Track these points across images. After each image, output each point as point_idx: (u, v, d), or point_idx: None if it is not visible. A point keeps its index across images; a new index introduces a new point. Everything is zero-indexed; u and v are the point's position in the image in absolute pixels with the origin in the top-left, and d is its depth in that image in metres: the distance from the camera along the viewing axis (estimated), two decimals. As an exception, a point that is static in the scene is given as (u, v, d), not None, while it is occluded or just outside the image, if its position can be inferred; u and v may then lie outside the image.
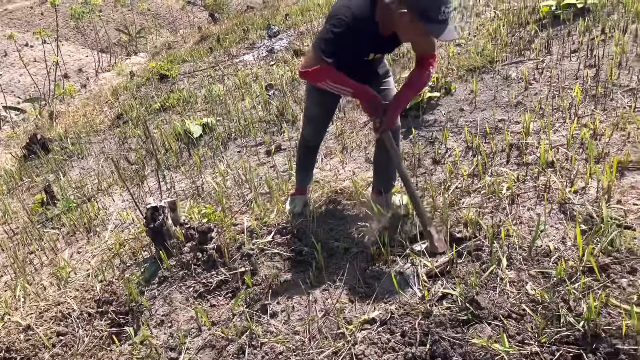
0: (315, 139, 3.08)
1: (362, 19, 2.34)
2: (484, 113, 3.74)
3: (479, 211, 2.71)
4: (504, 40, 4.84)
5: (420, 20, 2.17)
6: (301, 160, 3.19)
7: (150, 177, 4.71)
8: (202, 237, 2.86)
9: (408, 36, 2.37)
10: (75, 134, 6.99)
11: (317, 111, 2.92)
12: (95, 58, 14.56)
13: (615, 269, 2.10)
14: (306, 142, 3.09)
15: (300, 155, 3.18)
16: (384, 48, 2.59)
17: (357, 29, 2.34)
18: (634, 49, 3.89)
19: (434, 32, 2.18)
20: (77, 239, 3.93)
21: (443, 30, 2.17)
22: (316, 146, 3.14)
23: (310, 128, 3.03)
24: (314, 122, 2.98)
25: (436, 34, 2.18)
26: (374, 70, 2.77)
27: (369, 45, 2.49)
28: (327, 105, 2.90)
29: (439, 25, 2.16)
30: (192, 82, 7.86)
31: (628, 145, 2.91)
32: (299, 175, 3.25)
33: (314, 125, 3.00)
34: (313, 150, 3.15)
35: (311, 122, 3.00)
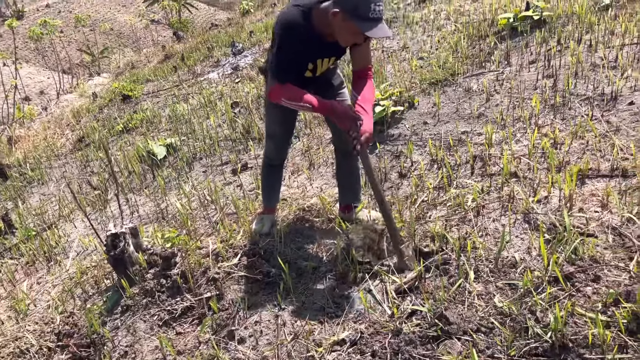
0: (277, 157, 3.05)
1: (298, 27, 2.37)
2: (447, 125, 3.77)
3: (445, 224, 2.71)
4: (465, 53, 4.92)
5: (351, 19, 2.19)
6: (266, 180, 3.16)
7: (113, 201, 4.59)
8: (165, 262, 2.78)
9: (344, 37, 2.35)
10: (35, 159, 6.79)
11: (276, 129, 2.90)
12: (56, 79, 14.27)
13: (579, 278, 2.12)
14: (269, 161, 3.07)
15: (265, 174, 3.14)
16: (328, 53, 2.56)
17: (301, 36, 2.38)
18: (588, 59, 3.99)
19: (363, 29, 2.18)
20: (37, 268, 3.78)
21: (373, 28, 2.18)
22: (280, 164, 3.11)
23: (271, 146, 3.01)
24: (274, 140, 2.96)
25: (365, 30, 2.19)
26: (326, 80, 2.76)
27: (313, 51, 2.49)
28: (285, 122, 2.89)
29: (370, 23, 2.18)
30: (156, 101, 7.76)
31: (587, 153, 2.97)
32: (266, 194, 3.20)
33: (274, 143, 2.98)
34: (277, 169, 3.11)
35: (272, 140, 2.98)
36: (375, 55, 6.00)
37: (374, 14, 2.16)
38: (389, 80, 4.88)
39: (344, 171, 3.04)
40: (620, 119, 3.18)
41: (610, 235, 2.32)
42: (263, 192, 3.22)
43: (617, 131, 3.08)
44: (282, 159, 3.10)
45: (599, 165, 2.83)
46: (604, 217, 2.43)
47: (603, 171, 2.79)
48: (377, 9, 2.16)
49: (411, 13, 7.31)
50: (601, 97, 3.45)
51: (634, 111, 3.20)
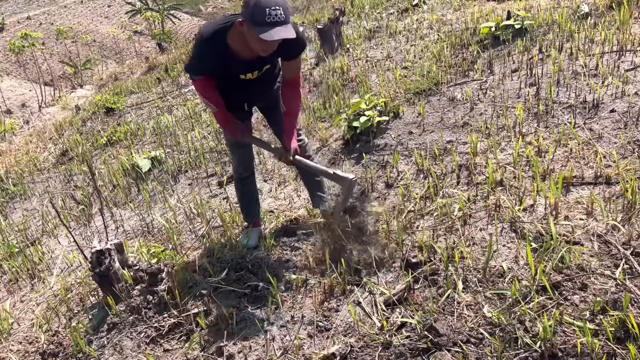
0: (244, 169, 3.10)
1: (214, 41, 2.51)
2: (433, 135, 3.79)
3: (432, 234, 2.71)
4: (448, 62, 4.96)
5: (251, 25, 2.29)
6: (241, 195, 3.22)
7: (98, 215, 4.53)
8: (151, 278, 2.74)
9: (254, 45, 2.43)
10: (17, 173, 6.70)
11: (232, 140, 2.95)
12: (38, 92, 14.12)
13: (567, 286, 2.13)
14: (238, 175, 3.13)
15: (238, 189, 3.22)
16: (248, 69, 2.67)
17: (211, 50, 2.54)
18: (570, 67, 4.05)
19: (258, 32, 2.27)
20: (20, 286, 3.71)
21: (269, 31, 2.26)
22: (250, 176, 3.14)
23: (235, 157, 3.09)
24: (234, 149, 3.04)
25: (260, 34, 2.27)
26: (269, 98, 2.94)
27: (230, 67, 2.62)
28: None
29: (266, 27, 2.26)
30: (140, 114, 7.70)
31: (571, 161, 3.00)
32: (245, 210, 3.24)
33: (236, 154, 3.06)
34: (249, 181, 3.15)
35: (233, 150, 3.07)
36: (359, 64, 6.03)
37: (270, 17, 2.25)
38: (374, 90, 4.90)
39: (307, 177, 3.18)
40: (602, 127, 3.22)
41: (596, 242, 2.34)
42: (242, 209, 3.25)
43: (600, 138, 3.12)
44: (249, 170, 3.12)
45: (583, 172, 2.86)
46: (589, 225, 2.45)
47: (587, 179, 2.82)
48: (274, 13, 2.25)
49: (394, 23, 7.36)
50: (583, 104, 3.50)
51: (616, 118, 3.25)
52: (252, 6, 2.27)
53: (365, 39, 7.10)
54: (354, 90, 5.30)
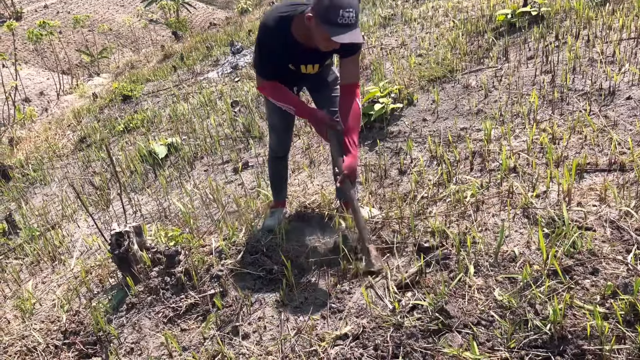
0: (281, 149, 3.10)
1: (279, 28, 2.47)
2: (447, 122, 3.80)
3: (445, 220, 2.74)
4: (463, 49, 4.94)
5: (322, 23, 2.25)
6: (273, 173, 3.23)
7: (116, 200, 4.63)
8: (169, 260, 2.81)
9: (319, 42, 2.40)
10: (37, 159, 6.83)
11: (275, 119, 2.97)
12: (56, 80, 14.30)
13: (578, 271, 2.15)
14: (274, 153, 3.13)
15: (271, 167, 3.22)
16: (309, 60, 2.63)
17: (275, 38, 2.49)
18: (586, 54, 4.02)
19: (330, 33, 2.23)
20: (42, 268, 3.82)
21: (340, 34, 2.22)
22: (284, 156, 3.16)
23: (274, 137, 3.09)
24: (275, 130, 3.04)
25: (332, 35, 2.23)
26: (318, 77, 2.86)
27: (292, 56, 2.58)
28: (283, 112, 2.90)
29: (337, 28, 2.22)
30: (156, 101, 7.78)
31: (585, 148, 3.00)
32: (275, 189, 3.26)
33: (276, 134, 3.06)
34: (282, 161, 3.17)
35: (273, 131, 3.07)
36: (374, 52, 6.02)
37: (343, 19, 2.21)
38: (388, 78, 4.91)
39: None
40: (618, 114, 3.20)
41: (608, 228, 2.35)
42: (272, 186, 3.26)
43: (615, 126, 3.11)
44: (285, 150, 3.13)
45: (597, 159, 2.86)
46: (602, 211, 2.46)
47: (601, 166, 2.82)
48: (347, 15, 2.21)
49: (409, 10, 7.33)
50: (599, 92, 3.48)
51: (632, 105, 3.23)
52: (326, 4, 2.21)
53: (380, 27, 7.08)
54: (368, 78, 5.31)
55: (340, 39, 2.23)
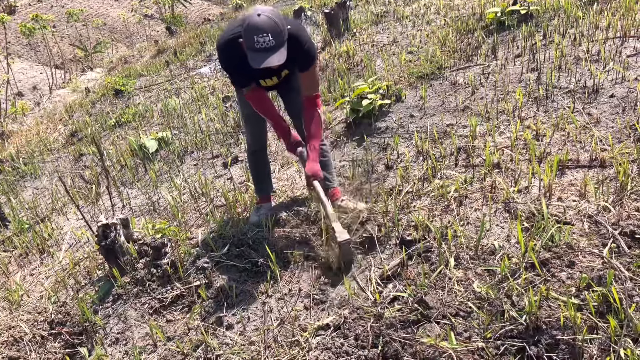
0: (256, 142, 3.17)
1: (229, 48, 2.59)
2: (433, 118, 3.84)
3: (428, 214, 2.78)
4: (453, 47, 4.98)
5: (246, 48, 2.40)
6: (254, 168, 3.27)
7: (106, 194, 4.64)
8: (156, 252, 2.84)
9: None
10: (28, 153, 6.83)
11: (247, 111, 3.01)
12: (49, 75, 14.25)
13: (555, 264, 2.19)
14: (251, 149, 3.20)
15: (251, 163, 3.28)
16: (265, 74, 2.75)
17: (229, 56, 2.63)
18: (572, 52, 4.07)
19: (249, 59, 2.38)
20: (30, 260, 3.83)
21: (257, 58, 2.36)
22: (261, 150, 3.21)
23: (248, 131, 3.16)
24: (249, 122, 3.10)
25: (250, 61, 2.38)
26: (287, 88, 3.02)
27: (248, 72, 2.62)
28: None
29: (255, 53, 2.36)
30: (148, 96, 7.79)
31: (568, 145, 3.04)
32: (257, 183, 3.28)
33: (250, 126, 3.12)
34: (260, 155, 3.22)
35: (247, 123, 3.13)
36: (365, 49, 6.05)
37: (259, 44, 2.34)
38: (379, 74, 4.94)
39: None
40: (601, 111, 3.25)
41: (586, 223, 2.40)
42: (254, 182, 3.30)
43: (598, 123, 3.16)
44: (261, 144, 3.20)
45: (579, 156, 2.91)
46: (581, 206, 2.50)
47: (582, 162, 2.87)
48: (262, 40, 2.33)
49: (401, 8, 7.36)
50: (583, 89, 3.53)
51: (614, 103, 3.28)
52: (243, 30, 2.36)
53: (372, 24, 7.11)
54: (359, 75, 5.34)
55: (255, 64, 2.36)
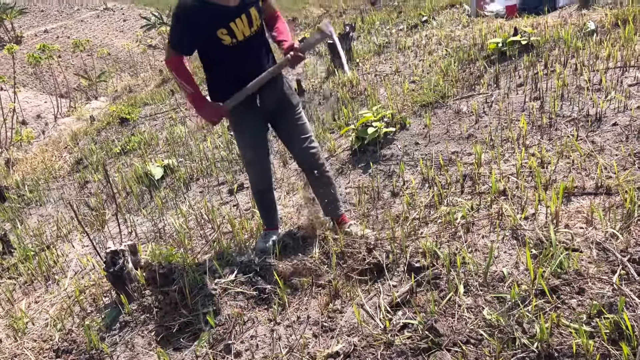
0: (262, 182, 3.09)
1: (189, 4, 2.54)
2: (438, 146, 3.88)
3: (436, 240, 2.79)
4: (455, 76, 5.06)
5: None
6: (260, 205, 3.23)
7: (111, 221, 4.65)
8: (163, 279, 2.84)
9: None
10: (33, 180, 6.86)
11: (249, 153, 2.99)
12: (54, 103, 14.41)
13: (565, 290, 2.19)
14: (256, 187, 3.13)
15: (257, 200, 3.22)
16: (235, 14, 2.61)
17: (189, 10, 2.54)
18: (574, 82, 4.13)
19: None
20: (35, 288, 3.82)
21: None
22: (268, 189, 3.14)
23: (252, 172, 3.08)
24: (252, 165, 3.04)
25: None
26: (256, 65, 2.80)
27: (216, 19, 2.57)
28: (256, 145, 2.96)
29: None
30: (154, 124, 7.87)
31: (573, 172, 3.07)
32: (264, 217, 3.27)
33: (253, 169, 3.05)
34: (267, 193, 3.17)
35: (250, 165, 3.06)
36: (368, 78, 6.15)
37: None
38: (382, 103, 5.01)
39: (318, 186, 3.07)
40: (605, 139, 3.29)
41: (595, 250, 2.40)
42: (261, 215, 3.29)
43: (602, 151, 3.19)
44: (268, 183, 3.11)
45: (584, 183, 2.93)
46: (589, 233, 2.51)
47: (588, 189, 2.89)
48: None
49: (403, 38, 7.50)
50: (586, 118, 3.57)
51: (618, 132, 3.32)
52: None
53: (375, 54, 7.23)
54: (363, 103, 5.41)
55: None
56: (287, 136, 3.03)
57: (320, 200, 3.16)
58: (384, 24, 9.53)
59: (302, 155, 2.98)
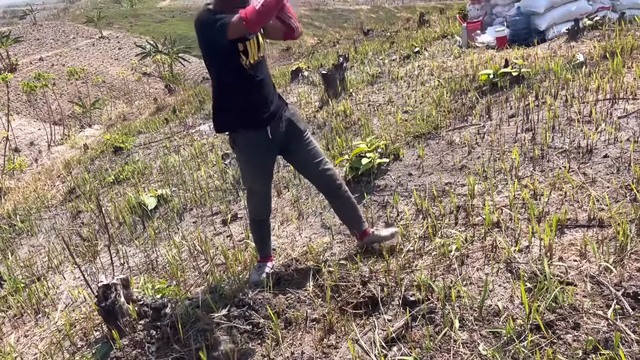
0: (263, 212, 3.13)
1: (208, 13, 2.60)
2: (432, 177, 3.90)
3: (430, 273, 2.78)
4: (447, 107, 5.12)
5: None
6: (257, 234, 3.23)
7: (104, 252, 4.61)
8: (155, 313, 2.80)
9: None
10: (25, 210, 6.81)
11: (254, 185, 3.00)
12: (47, 131, 14.40)
13: (560, 325, 2.18)
14: (257, 217, 3.15)
15: (255, 229, 3.22)
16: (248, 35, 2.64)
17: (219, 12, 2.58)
18: (565, 113, 4.19)
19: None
20: (25, 321, 3.76)
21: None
22: (267, 218, 3.18)
23: (254, 203, 3.09)
24: (255, 195, 3.05)
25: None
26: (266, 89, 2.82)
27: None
28: (262, 177, 2.99)
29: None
30: (148, 153, 7.87)
31: (566, 204, 3.09)
32: (259, 246, 3.26)
33: (256, 199, 3.07)
34: (265, 222, 3.19)
35: (253, 196, 3.07)
36: (362, 108, 6.20)
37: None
38: (375, 133, 5.05)
39: (339, 206, 3.15)
40: (596, 171, 3.32)
41: (589, 283, 2.40)
42: (256, 244, 3.28)
43: (594, 183, 3.22)
44: (268, 213, 3.17)
45: (577, 215, 2.95)
46: (583, 266, 2.52)
47: (581, 221, 2.90)
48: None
49: (396, 69, 7.60)
50: (577, 150, 3.61)
51: (609, 164, 3.36)
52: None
53: (368, 84, 7.32)
54: (356, 133, 5.45)
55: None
56: (300, 163, 3.07)
57: (345, 221, 3.22)
58: (376, 54, 9.68)
59: (319, 180, 3.03)
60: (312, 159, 2.97)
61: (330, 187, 3.03)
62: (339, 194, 3.05)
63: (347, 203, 3.10)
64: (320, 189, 3.14)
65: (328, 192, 3.09)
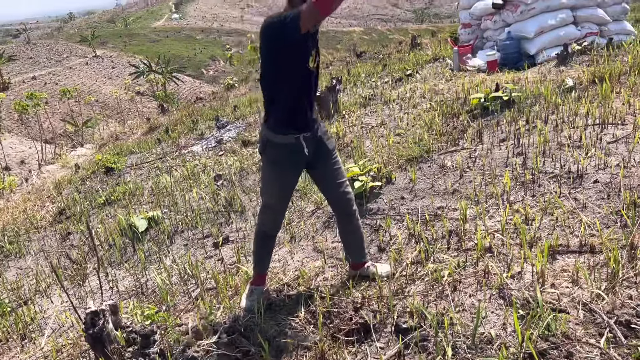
0: (275, 228, 3.11)
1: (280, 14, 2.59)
2: (424, 201, 3.91)
3: (423, 299, 2.76)
4: (439, 130, 5.15)
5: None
6: (261, 249, 3.17)
7: (93, 275, 4.55)
8: (144, 340, 2.75)
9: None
10: (13, 231, 6.73)
11: (275, 202, 2.99)
12: (38, 149, 14.33)
13: (553, 354, 2.17)
14: (269, 232, 3.12)
15: (260, 244, 3.16)
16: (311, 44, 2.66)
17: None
18: (555, 138, 4.23)
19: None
20: (10, 347, 3.68)
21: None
22: (275, 235, 3.16)
23: (269, 217, 3.07)
24: (272, 210, 3.03)
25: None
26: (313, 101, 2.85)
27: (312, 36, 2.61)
28: (285, 196, 3.00)
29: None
30: (139, 174, 7.84)
31: (557, 229, 3.10)
32: (258, 262, 3.19)
33: (273, 215, 3.05)
34: (273, 238, 3.16)
35: (271, 210, 3.04)
36: (355, 130, 6.23)
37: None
38: (368, 156, 5.06)
39: (347, 230, 3.13)
40: (587, 197, 3.34)
41: (581, 311, 2.39)
42: (256, 259, 3.20)
43: (584, 208, 3.24)
44: (278, 229, 3.15)
45: (569, 241, 2.95)
46: (575, 293, 2.51)
47: (572, 247, 2.91)
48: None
49: (388, 91, 7.66)
50: (568, 175, 3.64)
51: (599, 189, 3.38)
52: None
53: (361, 106, 7.36)
54: (349, 155, 5.47)
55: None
56: (324, 181, 3.05)
57: (347, 245, 3.19)
58: (369, 76, 9.76)
59: (338, 201, 3.02)
60: (335, 179, 2.97)
61: (346, 210, 3.03)
62: (352, 220, 3.07)
63: (356, 231, 3.12)
64: (336, 209, 3.12)
65: (342, 214, 3.09)
